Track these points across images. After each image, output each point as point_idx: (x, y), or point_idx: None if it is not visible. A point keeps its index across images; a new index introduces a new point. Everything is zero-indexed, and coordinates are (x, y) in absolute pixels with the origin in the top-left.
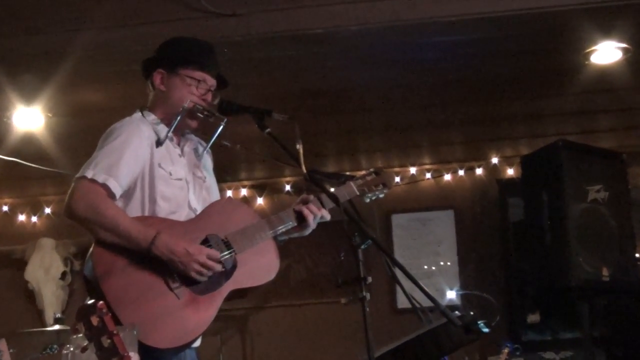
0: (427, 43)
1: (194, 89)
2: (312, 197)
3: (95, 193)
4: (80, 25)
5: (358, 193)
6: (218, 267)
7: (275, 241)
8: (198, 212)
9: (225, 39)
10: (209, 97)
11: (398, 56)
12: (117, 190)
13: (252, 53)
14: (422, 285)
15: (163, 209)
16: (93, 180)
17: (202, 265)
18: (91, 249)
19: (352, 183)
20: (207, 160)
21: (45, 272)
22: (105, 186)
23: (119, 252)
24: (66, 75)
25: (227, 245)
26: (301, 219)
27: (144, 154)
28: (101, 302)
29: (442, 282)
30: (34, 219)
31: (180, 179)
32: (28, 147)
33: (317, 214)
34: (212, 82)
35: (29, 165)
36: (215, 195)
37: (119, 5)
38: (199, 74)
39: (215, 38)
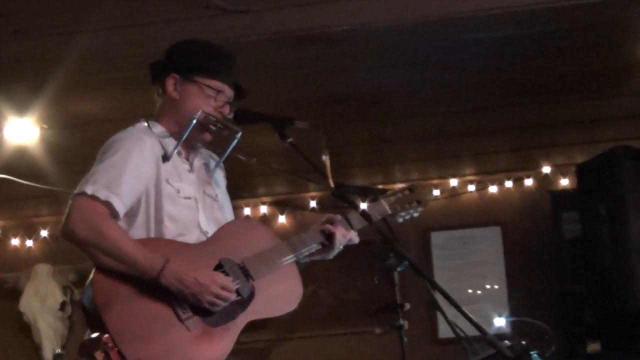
0: (466, 40)
1: (212, 100)
2: (339, 217)
3: (96, 212)
4: (75, 27)
5: (390, 212)
6: (233, 297)
7: (295, 265)
8: (210, 235)
9: (238, 40)
10: (227, 110)
11: (433, 55)
12: (121, 209)
13: (268, 55)
14: (466, 312)
15: (170, 231)
16: (93, 197)
17: (216, 295)
18: (91, 276)
19: (383, 201)
20: (220, 177)
21: (42, 302)
22: (107, 204)
23: (123, 278)
24: (61, 83)
25: (244, 271)
26: (326, 241)
27: (148, 170)
28: (106, 335)
29: (489, 308)
30: (29, 242)
31: (189, 198)
32: (21, 162)
33: (346, 237)
34: (230, 93)
35: (22, 183)
36: (229, 215)
37: (117, 4)
38: (218, 84)
39: (227, 38)
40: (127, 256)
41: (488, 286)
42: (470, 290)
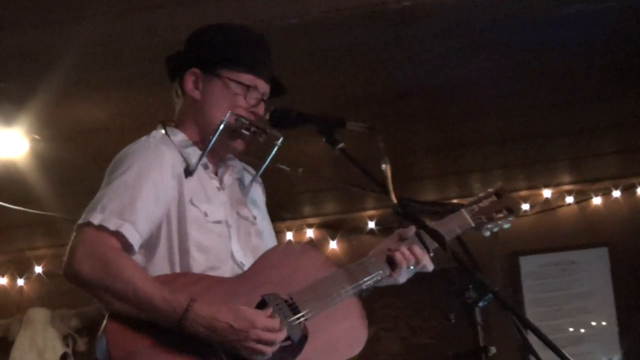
0: (561, 17)
1: (242, 98)
2: (412, 230)
3: (105, 246)
4: (73, 15)
5: (473, 224)
6: (280, 338)
7: (357, 299)
8: (246, 267)
9: (275, 23)
10: (261, 109)
11: (519, 38)
12: (136, 240)
13: (312, 41)
14: (567, 356)
15: (199, 263)
16: (102, 228)
17: (257, 340)
18: (104, 324)
19: (464, 211)
20: (257, 193)
21: (39, 355)
22: (118, 235)
23: (143, 326)
24: (57, 84)
25: (293, 309)
26: (394, 266)
27: (168, 189)
28: None
29: (596, 350)
30: (20, 282)
31: (219, 222)
32: (8, 182)
33: (420, 260)
34: (265, 88)
35: (10, 208)
36: (271, 241)
37: None
38: (248, 78)
39: (260, 22)
40: (145, 300)
41: (594, 323)
42: (571, 329)
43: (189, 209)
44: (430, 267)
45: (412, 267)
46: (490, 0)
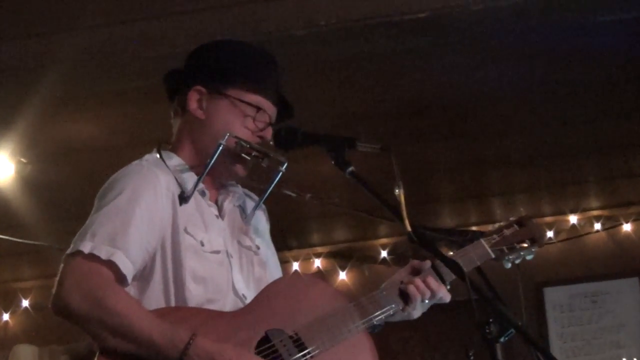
0: (590, 27)
1: (250, 120)
2: (428, 263)
3: (96, 277)
4: (63, 25)
5: (493, 255)
6: None
7: (369, 335)
8: (249, 299)
9: (280, 34)
10: (269, 133)
11: (545, 48)
12: (129, 270)
13: (321, 52)
14: None
15: (196, 295)
16: (92, 257)
17: None
18: None
19: (483, 241)
20: (260, 222)
21: None
22: (110, 265)
23: None
24: (45, 101)
25: (299, 345)
26: (407, 300)
27: (163, 214)
28: None
29: None
30: (5, 316)
31: (217, 252)
32: None
33: (436, 293)
34: (272, 111)
35: None
36: (276, 272)
37: None
38: (256, 99)
39: (265, 34)
40: (141, 334)
41: (625, 359)
42: None
43: (183, 237)
44: (447, 298)
45: (426, 301)
46: (513, 9)
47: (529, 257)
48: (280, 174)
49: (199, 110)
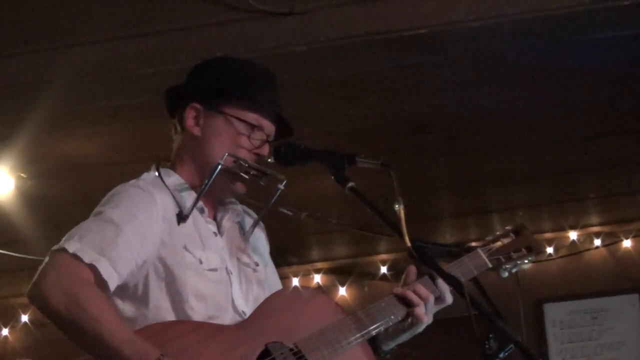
0: (592, 44)
1: (245, 138)
2: (414, 272)
3: (76, 275)
4: (64, 41)
5: (490, 265)
6: None
7: (369, 347)
8: (247, 316)
9: (280, 50)
10: (265, 150)
11: (546, 66)
12: (112, 278)
13: (320, 69)
14: None
15: (198, 313)
16: (76, 257)
17: None
18: None
19: (480, 251)
20: (259, 240)
21: None
22: (92, 268)
23: None
24: (45, 117)
25: (299, 358)
26: (408, 310)
27: (157, 235)
28: None
29: None
30: (5, 331)
31: (214, 270)
32: None
33: (431, 299)
34: (270, 129)
35: None
36: (276, 289)
37: (120, 8)
38: (254, 117)
39: (266, 50)
40: (111, 342)
41: None
42: None
43: (182, 255)
44: (449, 300)
45: (430, 303)
46: (515, 26)
47: (525, 266)
48: (279, 192)
49: (196, 128)
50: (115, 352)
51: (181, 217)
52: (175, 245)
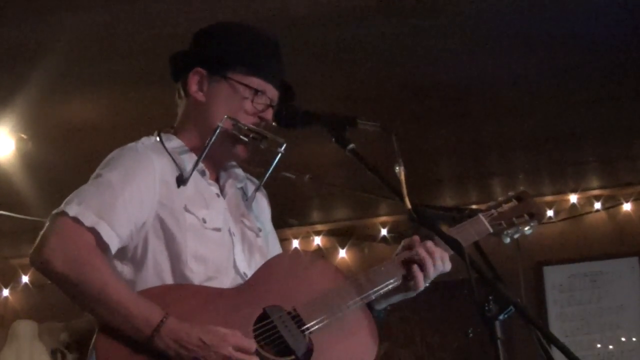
0: (592, 9)
1: (249, 102)
2: (417, 240)
3: (79, 240)
4: (65, 5)
5: (492, 230)
6: None
7: (368, 311)
8: (248, 277)
9: (282, 15)
10: (269, 115)
11: (546, 31)
12: (113, 241)
13: (322, 34)
14: None
15: (197, 275)
16: (76, 221)
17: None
18: (94, 339)
19: (482, 216)
20: (261, 205)
21: None
22: (93, 232)
23: (137, 343)
24: (45, 80)
25: (297, 322)
26: (408, 274)
27: (153, 197)
28: None
29: None
30: (5, 292)
31: (218, 229)
32: None
33: (437, 261)
34: (273, 94)
35: None
36: (276, 253)
37: None
38: (257, 82)
39: (266, 14)
40: (118, 303)
41: (624, 339)
42: (599, 345)
43: (183, 216)
44: (448, 267)
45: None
46: None
47: (527, 232)
48: (280, 155)
49: (199, 93)
50: (121, 312)
51: (181, 180)
52: (175, 207)
